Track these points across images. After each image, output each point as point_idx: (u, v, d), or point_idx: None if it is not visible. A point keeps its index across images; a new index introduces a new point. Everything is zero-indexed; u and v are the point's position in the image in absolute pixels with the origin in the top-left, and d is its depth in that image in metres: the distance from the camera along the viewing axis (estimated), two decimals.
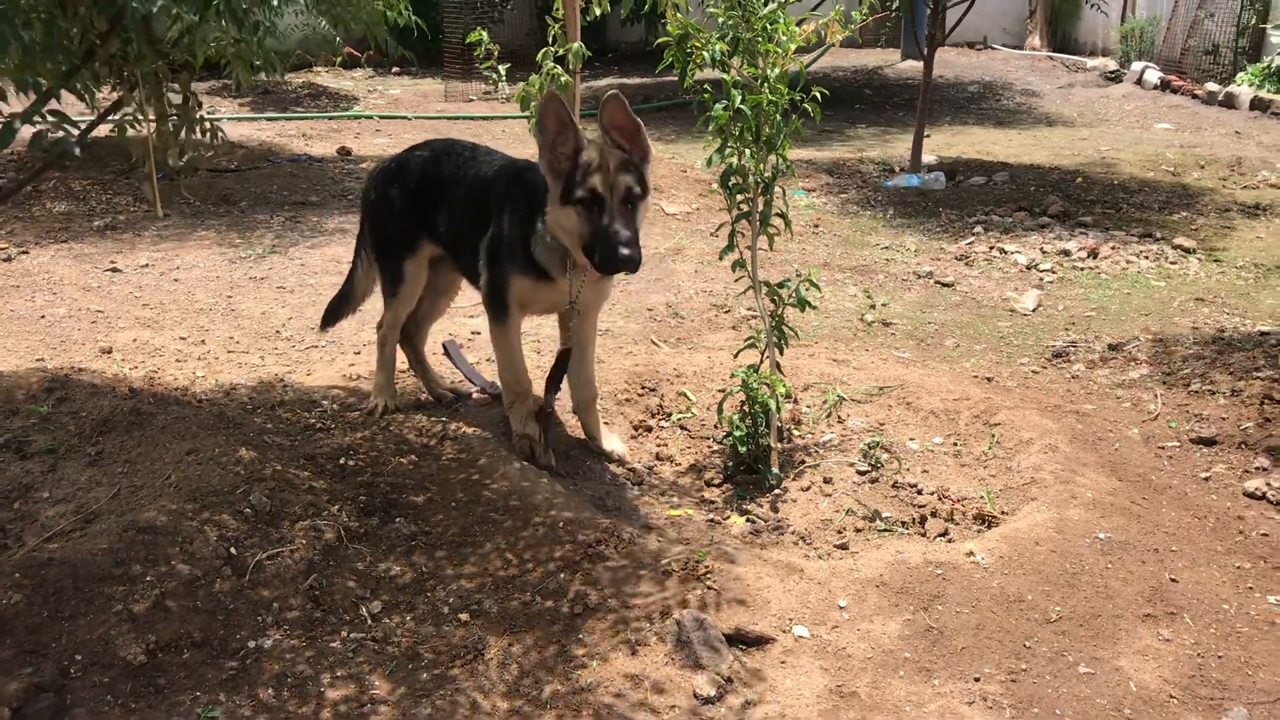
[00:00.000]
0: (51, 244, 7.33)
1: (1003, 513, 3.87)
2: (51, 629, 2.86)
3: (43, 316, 5.90)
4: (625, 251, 3.58)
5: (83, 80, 3.16)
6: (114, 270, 6.80)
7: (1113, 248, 7.47)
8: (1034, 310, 6.26)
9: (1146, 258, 7.28)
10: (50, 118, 2.86)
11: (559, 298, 4.01)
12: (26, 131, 2.85)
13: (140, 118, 3.59)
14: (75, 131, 2.98)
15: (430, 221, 4.31)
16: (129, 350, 5.30)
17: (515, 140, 11.42)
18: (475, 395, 4.67)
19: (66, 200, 8.27)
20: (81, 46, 2.97)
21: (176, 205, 8.26)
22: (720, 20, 4.00)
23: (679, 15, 4.06)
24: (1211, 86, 13.93)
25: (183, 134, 3.57)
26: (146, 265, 6.93)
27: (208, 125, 3.50)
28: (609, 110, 3.69)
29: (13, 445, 4.06)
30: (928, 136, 10.31)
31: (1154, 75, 15.07)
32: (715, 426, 4.44)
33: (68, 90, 2.94)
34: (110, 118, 3.46)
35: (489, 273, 4.07)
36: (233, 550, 3.26)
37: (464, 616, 3.13)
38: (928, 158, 10.21)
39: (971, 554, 3.41)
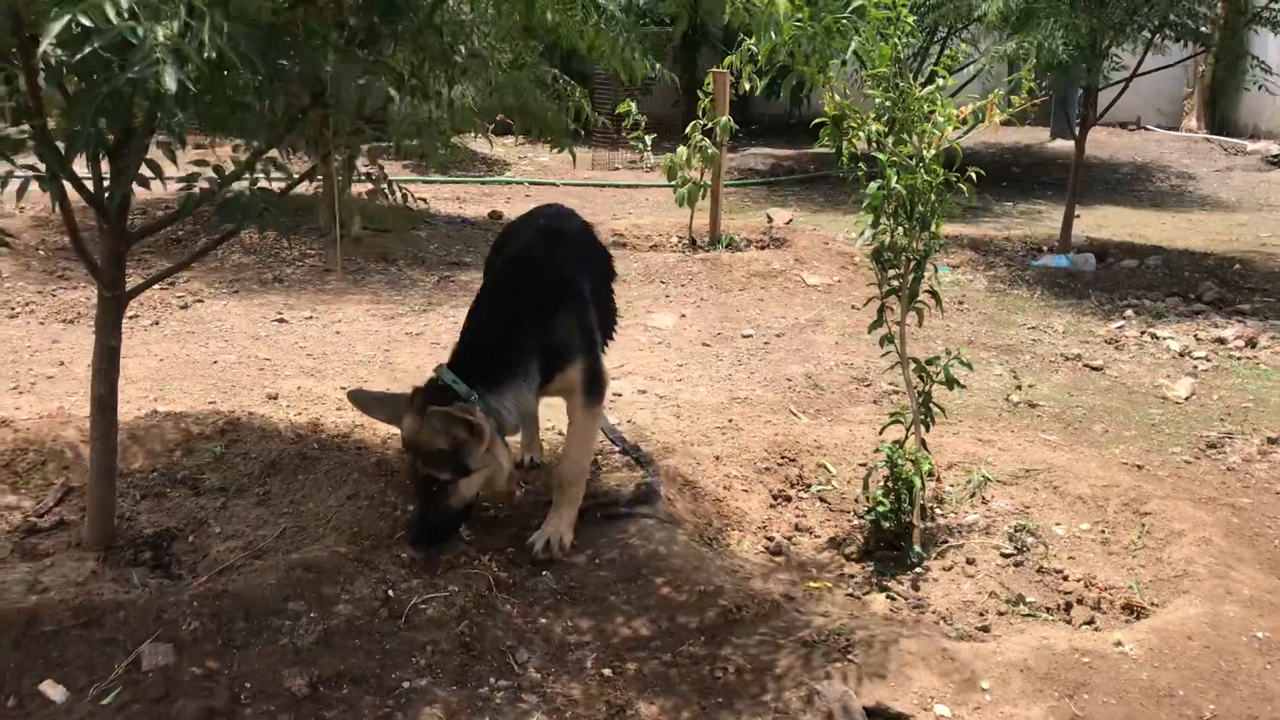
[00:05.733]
0: (225, 294, 7.78)
1: (1152, 604, 3.78)
2: (225, 656, 3.04)
3: (215, 362, 6.27)
4: None
5: (284, 148, 3.43)
6: (280, 321, 7.18)
7: (1272, 338, 7.22)
8: (1187, 399, 6.10)
9: None
10: (265, 172, 3.12)
11: None
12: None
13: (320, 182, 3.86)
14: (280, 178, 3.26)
15: None
16: (293, 397, 5.59)
17: (657, 207, 11.68)
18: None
19: (239, 253, 8.77)
20: (284, 118, 3.22)
21: (339, 263, 8.68)
22: (877, 101, 4.08)
23: (836, 96, 4.15)
24: None
25: (366, 198, 3.81)
26: (310, 317, 7.30)
27: (398, 190, 3.73)
28: None
29: (188, 482, 4.33)
30: (1077, 217, 10.14)
31: None
32: (856, 500, 4.45)
33: (271, 156, 3.20)
34: (304, 182, 3.74)
35: (588, 358, 3.98)
36: (390, 593, 3.41)
37: (607, 673, 3.20)
38: (1077, 238, 10.04)
39: (1119, 644, 3.34)
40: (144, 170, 3.06)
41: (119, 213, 3.49)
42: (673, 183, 9.42)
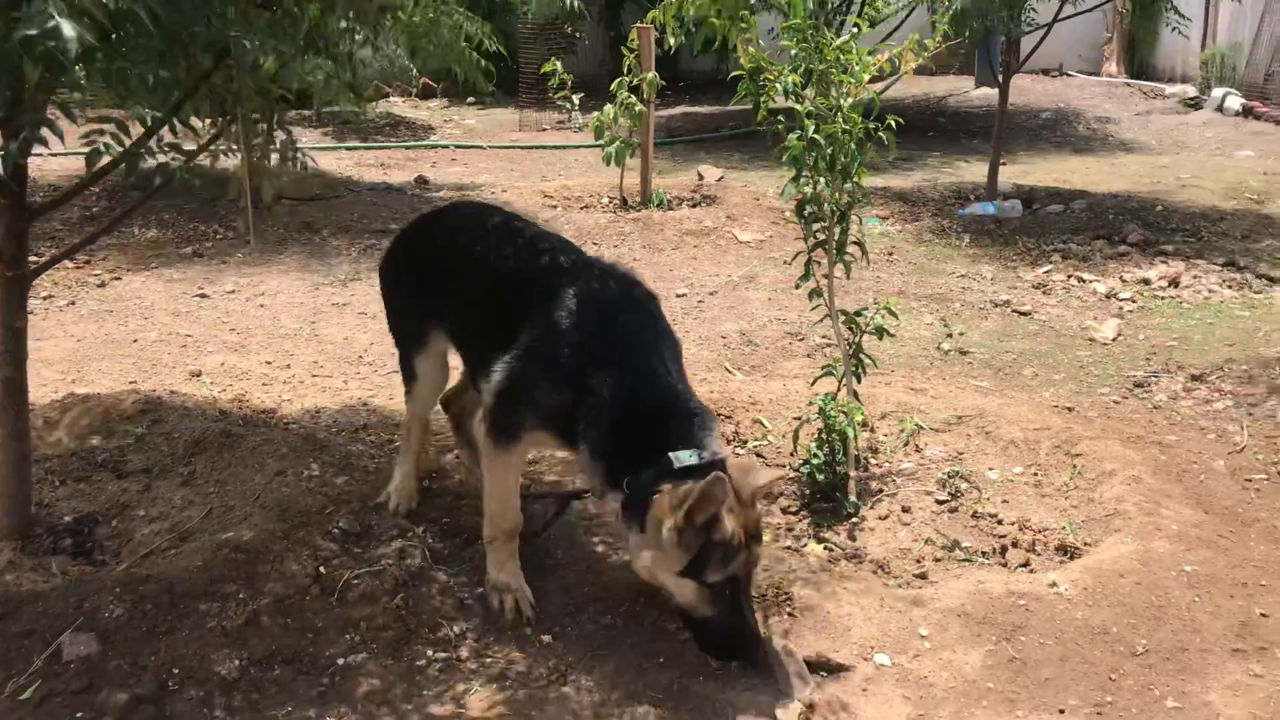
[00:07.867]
0: (143, 270, 7.56)
1: (1085, 544, 3.83)
2: (151, 643, 2.96)
3: (135, 340, 6.10)
4: None
5: (186, 114, 3.29)
6: (202, 296, 7.00)
7: (1194, 277, 7.35)
8: (1114, 340, 6.18)
9: (1230, 287, 7.15)
10: (166, 148, 2.99)
11: None
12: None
13: (234, 149, 3.73)
14: (179, 160, 3.13)
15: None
16: (217, 373, 5.46)
17: (588, 168, 11.55)
18: None
19: (156, 228, 8.53)
20: (188, 81, 3.09)
21: (260, 232, 8.46)
22: (793, 52, 4.03)
23: (751, 49, 4.10)
24: None
25: (274, 164, 3.69)
26: (233, 291, 7.12)
27: (299, 156, 3.61)
28: None
29: (110, 465, 4.21)
30: (1003, 164, 10.22)
31: (1235, 102, 14.79)
32: (791, 454, 4.44)
33: (177, 122, 3.07)
34: (209, 149, 3.61)
35: None
36: (322, 570, 3.34)
37: (546, 638, 3.17)
38: (1003, 185, 10.13)
39: (1054, 585, 3.38)
40: (43, 132, 2.91)
41: (17, 186, 3.34)
42: (600, 142, 9.32)
